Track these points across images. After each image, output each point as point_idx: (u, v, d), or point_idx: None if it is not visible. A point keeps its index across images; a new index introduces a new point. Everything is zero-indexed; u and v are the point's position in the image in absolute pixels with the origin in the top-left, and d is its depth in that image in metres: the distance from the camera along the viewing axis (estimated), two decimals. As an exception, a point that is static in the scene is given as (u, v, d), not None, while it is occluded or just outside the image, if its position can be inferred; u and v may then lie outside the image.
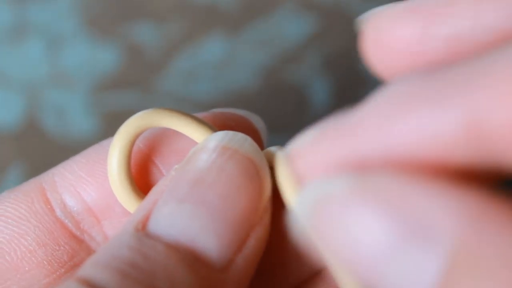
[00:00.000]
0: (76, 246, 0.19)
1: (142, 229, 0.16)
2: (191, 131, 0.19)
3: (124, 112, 0.40)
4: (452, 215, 0.12)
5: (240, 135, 0.17)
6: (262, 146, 0.21)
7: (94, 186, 0.20)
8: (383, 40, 0.15)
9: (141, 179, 0.19)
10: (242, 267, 0.16)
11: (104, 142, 0.20)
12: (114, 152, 0.19)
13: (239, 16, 0.41)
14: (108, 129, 0.40)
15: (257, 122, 0.21)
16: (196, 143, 0.18)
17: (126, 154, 0.19)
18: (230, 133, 0.17)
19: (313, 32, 0.41)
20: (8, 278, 0.19)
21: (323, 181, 0.14)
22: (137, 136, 0.19)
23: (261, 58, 0.40)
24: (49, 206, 0.20)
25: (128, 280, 0.14)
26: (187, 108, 0.40)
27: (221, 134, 0.17)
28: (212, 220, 0.15)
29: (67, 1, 0.41)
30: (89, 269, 0.15)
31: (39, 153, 0.39)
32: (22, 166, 0.39)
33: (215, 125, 0.19)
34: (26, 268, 0.19)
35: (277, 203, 0.17)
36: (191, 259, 0.15)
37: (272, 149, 0.19)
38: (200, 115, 0.20)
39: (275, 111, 0.39)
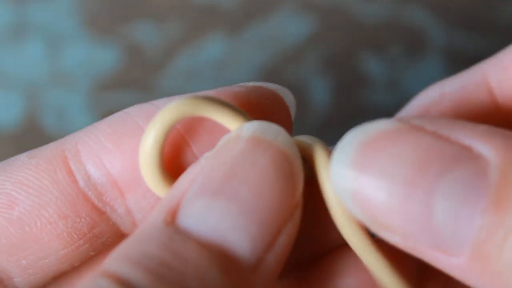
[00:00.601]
0: (96, 217, 0.19)
1: (172, 223, 0.15)
2: (227, 120, 0.18)
3: (124, 112, 0.40)
4: (493, 143, 0.14)
5: (274, 127, 0.16)
6: (291, 122, 0.21)
7: (120, 159, 0.19)
8: None
9: (173, 161, 0.19)
10: (273, 265, 0.15)
11: (130, 110, 0.19)
12: (148, 141, 0.18)
13: (239, 16, 0.41)
14: (108, 129, 0.40)
15: (288, 97, 0.21)
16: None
17: (159, 143, 0.18)
18: (264, 123, 0.16)
19: (313, 32, 0.41)
20: (25, 248, 0.19)
21: (362, 126, 0.15)
22: (171, 126, 0.18)
23: (261, 58, 0.40)
24: (72, 177, 0.19)
25: (161, 280, 0.14)
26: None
27: (255, 124, 0.16)
28: (244, 218, 0.15)
29: (67, 1, 0.41)
30: (119, 264, 0.14)
31: (39, 153, 0.39)
32: (22, 166, 0.39)
33: (247, 100, 0.19)
34: (45, 240, 0.19)
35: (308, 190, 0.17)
36: (223, 259, 0.15)
37: (302, 138, 0.18)
38: (233, 88, 0.19)
39: (275, 111, 0.39)
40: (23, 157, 0.20)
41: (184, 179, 0.16)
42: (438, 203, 0.14)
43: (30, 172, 0.19)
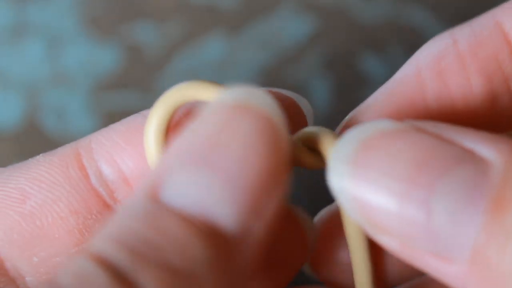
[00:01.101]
0: (107, 215, 0.19)
1: (155, 198, 0.15)
2: None
3: (124, 112, 0.40)
4: (497, 147, 0.14)
5: (258, 92, 0.16)
6: None
7: (131, 155, 0.19)
8: None
9: None
10: (260, 233, 0.15)
11: (144, 111, 0.19)
12: (151, 125, 0.18)
13: (239, 16, 0.41)
14: (108, 129, 0.40)
15: (305, 105, 0.20)
16: None
17: (163, 126, 0.18)
18: (245, 89, 0.16)
19: (313, 32, 0.41)
20: (37, 244, 0.18)
21: (363, 125, 0.15)
22: (174, 110, 0.18)
23: (261, 58, 0.40)
24: (84, 173, 0.19)
25: (143, 259, 0.14)
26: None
27: (236, 90, 0.16)
28: (228, 188, 0.14)
29: (67, 1, 0.41)
30: (102, 244, 0.14)
31: (39, 153, 0.39)
32: (22, 166, 0.39)
33: None
34: (56, 235, 0.18)
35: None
36: (207, 232, 0.14)
37: (311, 129, 0.18)
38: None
39: (275, 111, 0.39)
40: (39, 156, 0.20)
41: (168, 153, 0.16)
42: (437, 204, 0.14)
43: (43, 168, 0.19)
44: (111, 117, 0.40)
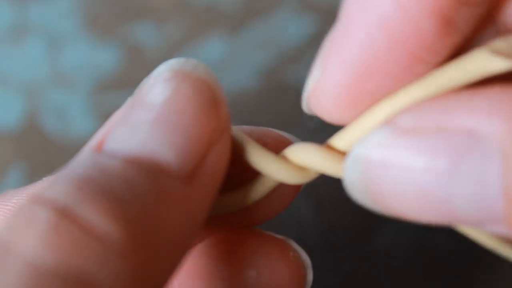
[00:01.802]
0: None
1: (99, 149, 0.16)
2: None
3: (124, 112, 0.40)
4: (495, 119, 0.14)
5: (191, 60, 0.17)
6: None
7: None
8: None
9: None
10: (205, 182, 0.16)
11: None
12: None
13: (239, 16, 0.41)
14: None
15: (295, 141, 0.21)
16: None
17: None
18: (181, 59, 0.17)
19: (313, 32, 0.41)
20: None
21: (363, 140, 0.15)
22: None
23: (261, 58, 0.40)
24: None
25: (85, 194, 0.14)
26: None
27: (172, 61, 0.17)
28: (170, 134, 0.15)
29: (67, 1, 0.41)
30: (43, 189, 0.14)
31: (39, 153, 0.39)
32: (22, 166, 0.39)
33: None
34: None
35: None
36: (151, 170, 0.15)
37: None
38: (238, 130, 0.20)
39: (275, 111, 0.39)
40: (6, 192, 0.20)
41: (111, 118, 0.17)
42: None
43: (11, 204, 0.20)
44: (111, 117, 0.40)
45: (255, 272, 0.19)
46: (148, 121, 0.15)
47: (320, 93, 0.17)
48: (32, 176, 0.39)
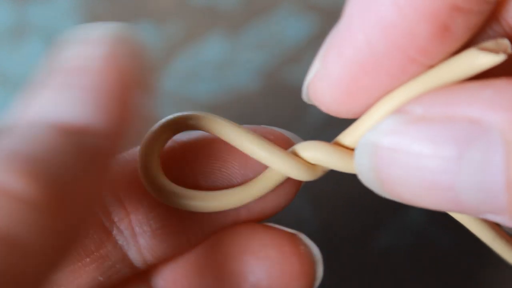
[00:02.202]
0: (104, 237, 0.19)
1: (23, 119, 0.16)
2: (227, 134, 0.19)
3: (124, 112, 0.40)
4: (498, 110, 0.14)
5: (97, 25, 0.17)
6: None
7: (126, 178, 0.20)
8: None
9: (170, 164, 0.19)
10: (120, 130, 0.16)
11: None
12: (146, 150, 0.19)
13: (239, 16, 0.41)
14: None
15: (296, 140, 0.21)
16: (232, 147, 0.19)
17: (157, 152, 0.19)
18: (91, 25, 0.17)
19: (313, 32, 0.41)
20: None
21: (374, 127, 0.16)
22: (167, 139, 0.19)
23: (261, 58, 0.40)
24: None
25: (3, 160, 0.14)
26: (186, 108, 0.40)
27: (79, 28, 0.17)
28: (81, 94, 0.15)
29: (67, 1, 0.41)
30: None
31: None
32: (22, 166, 0.39)
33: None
34: None
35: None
36: (68, 130, 0.15)
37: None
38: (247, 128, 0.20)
39: (275, 111, 0.39)
40: None
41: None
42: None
43: None
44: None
45: (266, 266, 0.19)
46: (58, 84, 0.16)
47: (319, 84, 0.17)
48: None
